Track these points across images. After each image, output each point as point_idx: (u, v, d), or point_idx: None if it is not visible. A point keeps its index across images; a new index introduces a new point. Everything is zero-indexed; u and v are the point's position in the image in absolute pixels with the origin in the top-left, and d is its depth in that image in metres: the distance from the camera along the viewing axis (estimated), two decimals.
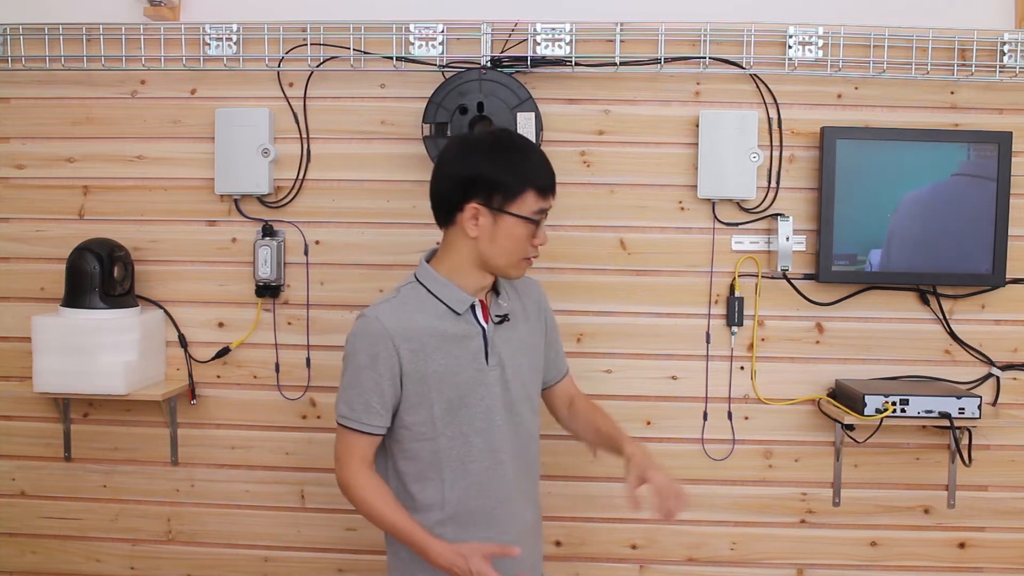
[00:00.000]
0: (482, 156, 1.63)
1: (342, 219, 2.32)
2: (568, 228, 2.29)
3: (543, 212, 1.66)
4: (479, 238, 1.63)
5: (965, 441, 2.22)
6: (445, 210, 1.65)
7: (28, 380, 2.22)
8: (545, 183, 1.66)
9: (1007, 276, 2.22)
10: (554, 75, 2.26)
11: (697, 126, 2.24)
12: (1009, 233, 2.20)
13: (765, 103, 2.26)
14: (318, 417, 2.35)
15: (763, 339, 2.29)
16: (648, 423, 2.31)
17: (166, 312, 2.35)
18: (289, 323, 2.33)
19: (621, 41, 2.24)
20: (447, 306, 1.65)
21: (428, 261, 1.71)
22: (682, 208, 2.28)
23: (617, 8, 2.27)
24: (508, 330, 1.72)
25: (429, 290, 1.66)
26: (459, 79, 2.17)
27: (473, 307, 1.68)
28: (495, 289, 1.73)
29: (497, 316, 1.70)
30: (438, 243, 1.73)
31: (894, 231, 2.20)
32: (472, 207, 1.61)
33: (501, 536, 1.67)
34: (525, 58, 2.23)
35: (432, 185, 1.68)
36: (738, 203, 2.27)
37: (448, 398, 1.64)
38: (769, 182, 2.26)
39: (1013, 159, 2.19)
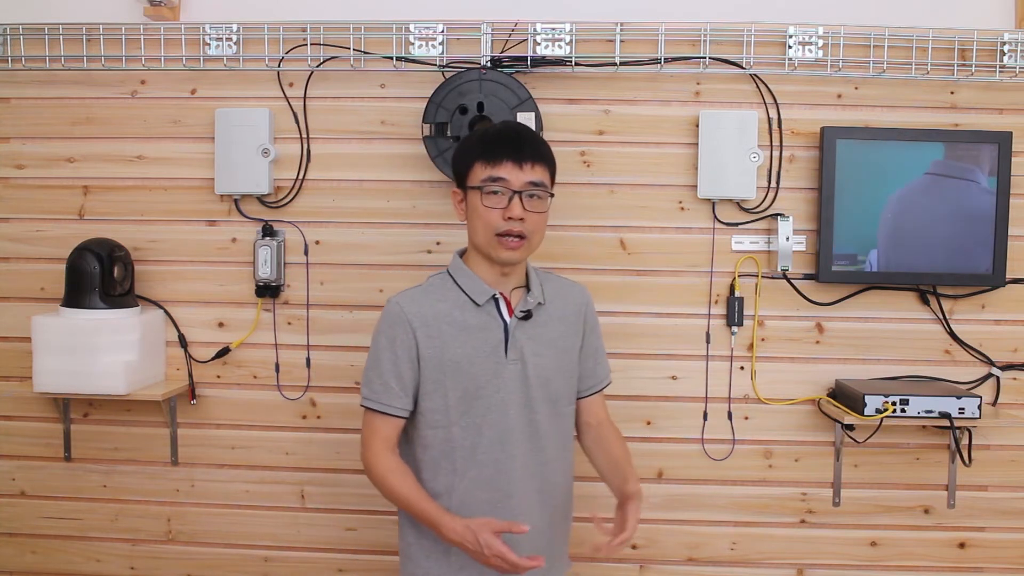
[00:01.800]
0: (457, 146, 1.79)
1: (342, 219, 2.32)
2: (568, 228, 2.29)
3: (497, 180, 1.65)
4: (466, 223, 1.72)
5: (965, 441, 2.22)
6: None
7: (28, 380, 2.22)
8: (489, 150, 1.67)
9: (1007, 276, 2.22)
10: (554, 75, 2.26)
11: (697, 126, 2.24)
12: (1009, 233, 2.20)
13: (765, 103, 2.26)
14: (318, 417, 2.35)
15: (763, 339, 2.29)
16: (648, 423, 2.31)
17: (166, 312, 2.35)
18: (289, 323, 2.33)
19: (621, 41, 2.24)
20: (469, 297, 1.69)
21: (461, 256, 1.76)
22: (682, 208, 2.28)
23: (617, 8, 2.27)
24: (535, 327, 1.73)
25: (455, 281, 1.71)
26: (459, 79, 2.18)
27: (497, 301, 1.70)
28: (528, 286, 1.75)
29: (521, 312, 1.71)
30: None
31: (884, 231, 2.20)
32: (453, 192, 1.74)
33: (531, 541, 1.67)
34: (525, 58, 2.23)
35: None
36: (738, 203, 2.27)
37: (464, 387, 1.67)
38: (769, 182, 2.26)
39: (1013, 159, 2.19)
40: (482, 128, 1.79)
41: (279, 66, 2.28)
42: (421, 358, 1.67)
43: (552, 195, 1.74)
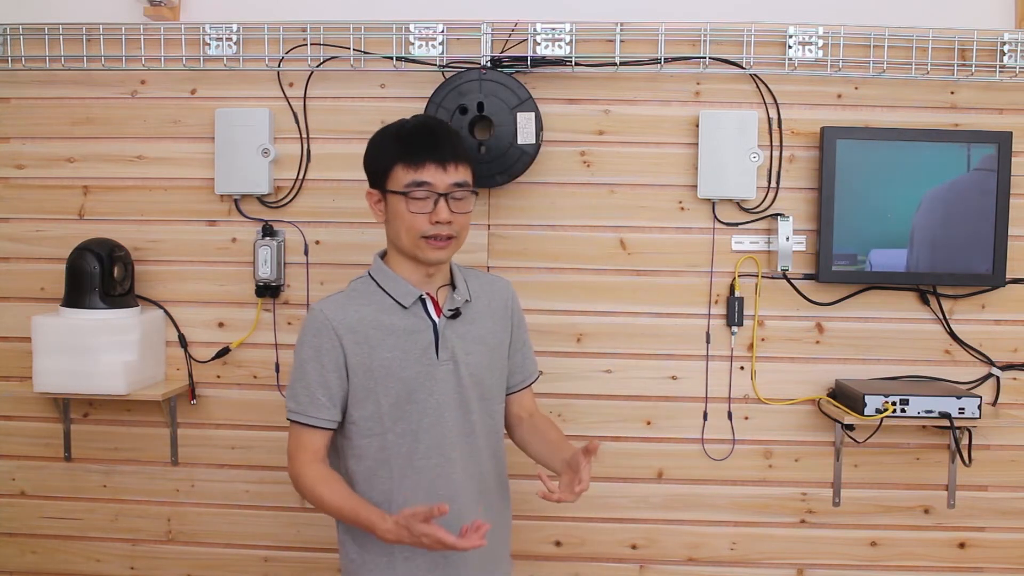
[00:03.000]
0: (368, 145, 1.71)
1: (342, 219, 2.32)
2: (568, 228, 2.29)
3: (422, 184, 1.60)
4: (384, 224, 1.68)
5: (965, 441, 2.22)
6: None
7: (28, 380, 2.22)
8: (411, 153, 1.61)
9: (1007, 276, 2.22)
10: (554, 75, 2.26)
11: (697, 126, 2.24)
12: (1009, 233, 2.20)
13: (765, 103, 2.26)
14: None
15: (763, 339, 2.29)
16: (648, 423, 2.31)
17: (166, 312, 2.35)
18: (289, 323, 2.33)
19: (621, 41, 2.24)
20: (394, 299, 1.65)
21: (382, 258, 1.73)
22: (682, 208, 2.28)
23: (617, 8, 2.27)
24: (464, 325, 1.69)
25: (379, 284, 1.68)
26: (459, 79, 2.18)
27: (424, 301, 1.67)
28: (453, 284, 1.72)
29: (450, 310, 1.68)
30: None
31: (917, 230, 2.20)
32: (368, 192, 1.69)
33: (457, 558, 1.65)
34: (525, 58, 2.23)
35: None
36: (738, 203, 2.27)
37: (395, 392, 1.62)
38: (769, 182, 2.26)
39: (1013, 159, 2.19)
40: (394, 125, 1.70)
41: (279, 66, 2.28)
42: (349, 367, 1.61)
43: (476, 192, 1.68)
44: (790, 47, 2.22)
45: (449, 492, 1.64)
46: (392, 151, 1.64)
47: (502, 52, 2.24)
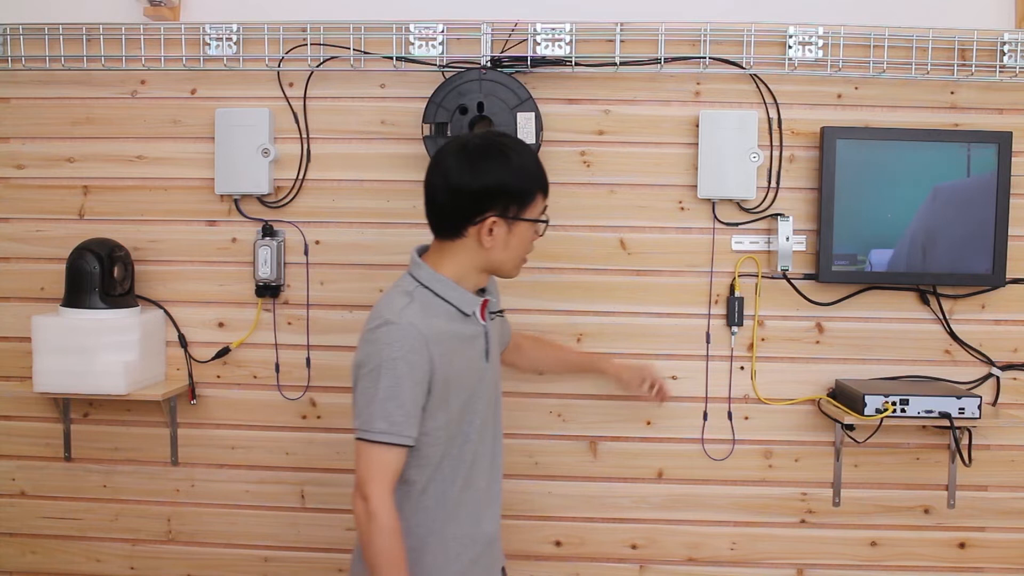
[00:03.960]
0: (496, 167, 1.58)
1: (342, 219, 2.32)
2: (568, 228, 2.29)
3: (545, 210, 1.68)
4: (493, 247, 1.61)
5: (965, 441, 2.22)
6: (453, 223, 1.61)
7: (28, 380, 2.22)
8: (547, 182, 1.68)
9: (1007, 276, 2.22)
10: (554, 75, 2.26)
11: (697, 126, 2.24)
12: (1009, 233, 2.20)
13: (765, 103, 2.26)
14: (318, 417, 2.35)
15: (763, 339, 2.29)
16: (648, 423, 2.31)
17: (166, 312, 2.35)
18: (289, 323, 2.33)
19: (621, 41, 2.24)
20: (456, 308, 1.63)
21: (428, 265, 1.66)
22: (682, 208, 2.28)
23: (617, 8, 2.27)
24: (497, 324, 1.77)
25: (436, 292, 1.62)
26: (459, 79, 2.18)
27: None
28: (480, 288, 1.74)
29: (491, 313, 1.72)
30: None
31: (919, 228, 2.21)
32: (491, 220, 1.58)
33: (491, 523, 1.72)
34: (525, 58, 2.23)
35: (437, 199, 1.62)
36: (738, 203, 2.27)
37: (463, 399, 1.64)
38: (769, 182, 2.26)
39: (1013, 159, 2.19)
40: (520, 150, 1.63)
41: (279, 66, 2.28)
42: (433, 379, 1.57)
43: None
44: (790, 47, 2.22)
45: (485, 480, 1.70)
46: (535, 179, 1.64)
47: (502, 52, 2.24)
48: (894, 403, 2.09)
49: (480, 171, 1.58)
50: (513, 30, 2.24)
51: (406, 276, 1.66)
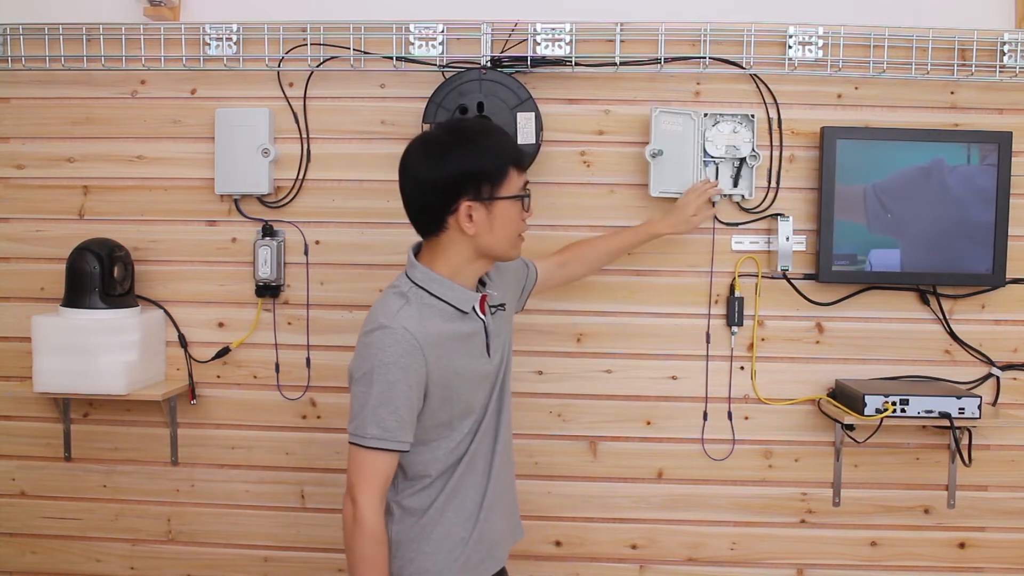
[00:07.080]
0: (456, 153, 1.58)
1: (342, 219, 2.32)
2: (568, 228, 2.29)
3: (526, 184, 1.65)
4: (477, 233, 1.59)
5: (965, 441, 2.22)
6: (431, 218, 1.60)
7: (28, 380, 2.22)
8: (520, 156, 1.66)
9: (1007, 276, 2.22)
10: (554, 75, 2.26)
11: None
12: (1009, 233, 2.20)
13: (765, 103, 2.26)
14: (318, 417, 2.35)
15: (763, 339, 2.29)
16: (648, 423, 2.31)
17: (166, 312, 2.35)
18: (289, 323, 2.33)
19: (621, 41, 2.24)
20: (454, 307, 1.62)
21: (422, 264, 1.65)
22: None
23: (617, 8, 2.27)
24: (501, 316, 1.74)
25: (431, 292, 1.61)
26: (459, 79, 2.18)
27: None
28: (480, 279, 1.72)
29: (492, 307, 1.71)
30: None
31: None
32: (465, 205, 1.57)
33: (507, 517, 1.76)
34: (525, 58, 2.23)
35: (410, 199, 1.62)
36: (738, 203, 2.27)
37: (466, 396, 1.64)
38: (769, 182, 2.26)
39: (1013, 159, 2.19)
40: (484, 130, 1.65)
41: (279, 66, 2.28)
42: (430, 382, 1.57)
43: None
44: (790, 47, 2.22)
45: (485, 478, 1.70)
46: (503, 155, 1.60)
47: (502, 52, 2.24)
48: (894, 403, 2.09)
49: (442, 160, 1.57)
50: (513, 30, 2.24)
51: (402, 276, 1.66)
